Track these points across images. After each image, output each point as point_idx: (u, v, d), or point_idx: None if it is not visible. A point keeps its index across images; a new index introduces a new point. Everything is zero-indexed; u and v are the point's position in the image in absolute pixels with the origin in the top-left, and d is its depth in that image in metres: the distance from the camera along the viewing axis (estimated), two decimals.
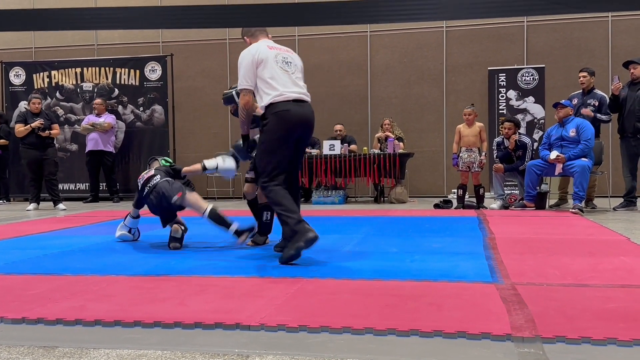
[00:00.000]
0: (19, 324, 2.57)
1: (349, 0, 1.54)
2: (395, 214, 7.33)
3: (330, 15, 1.58)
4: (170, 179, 4.78)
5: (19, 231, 5.97)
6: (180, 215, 4.94)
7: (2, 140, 10.41)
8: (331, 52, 11.08)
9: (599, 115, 7.70)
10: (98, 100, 10.55)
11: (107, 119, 10.40)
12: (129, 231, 5.10)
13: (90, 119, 10.43)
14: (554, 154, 7.25)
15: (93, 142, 10.27)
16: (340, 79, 11.05)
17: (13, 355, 2.18)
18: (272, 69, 4.00)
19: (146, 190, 4.71)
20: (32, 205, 9.05)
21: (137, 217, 5.08)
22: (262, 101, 4.01)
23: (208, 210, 4.49)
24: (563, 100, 7.56)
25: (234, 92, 4.55)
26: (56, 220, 7.16)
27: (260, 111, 4.08)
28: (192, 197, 4.67)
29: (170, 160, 5.20)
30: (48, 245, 4.90)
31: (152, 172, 4.85)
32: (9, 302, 2.89)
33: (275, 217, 4.29)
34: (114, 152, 10.45)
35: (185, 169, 4.96)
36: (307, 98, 4.13)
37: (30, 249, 4.69)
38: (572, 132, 7.29)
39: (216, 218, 4.46)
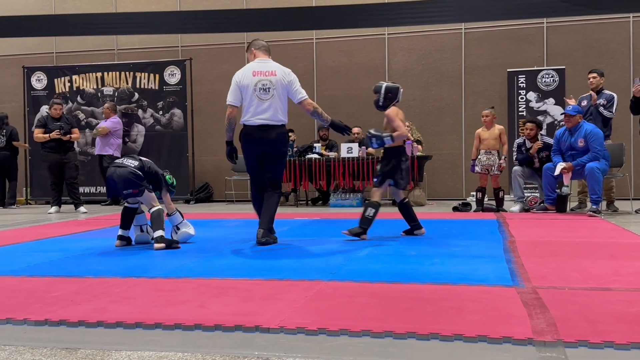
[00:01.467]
0: (42, 326, 2.60)
1: (368, 4, 1.54)
2: None
3: (349, 19, 1.58)
4: (139, 173, 4.82)
5: (41, 234, 6.05)
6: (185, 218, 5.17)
7: (17, 143, 10.52)
8: (349, 55, 11.09)
9: (605, 111, 7.66)
10: (105, 105, 10.62)
11: (104, 123, 10.42)
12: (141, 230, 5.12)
13: (101, 124, 10.55)
14: (558, 169, 7.15)
15: (97, 146, 10.44)
16: (358, 82, 11.04)
17: (36, 357, 2.21)
18: (249, 95, 4.94)
19: (114, 164, 4.94)
20: (53, 208, 9.16)
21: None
22: (241, 118, 5.04)
23: (155, 208, 4.85)
24: (570, 109, 7.39)
25: (383, 85, 5.39)
26: (77, 223, 7.24)
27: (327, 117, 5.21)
28: (150, 196, 4.90)
29: (172, 179, 5.27)
30: (70, 247, 4.95)
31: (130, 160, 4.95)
32: (32, 304, 2.93)
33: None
34: (113, 154, 10.33)
35: (166, 204, 5.12)
36: (274, 123, 4.96)
37: (52, 252, 4.75)
38: (580, 143, 7.19)
39: (155, 218, 4.81)
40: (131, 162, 4.90)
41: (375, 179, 5.40)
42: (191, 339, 2.37)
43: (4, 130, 10.28)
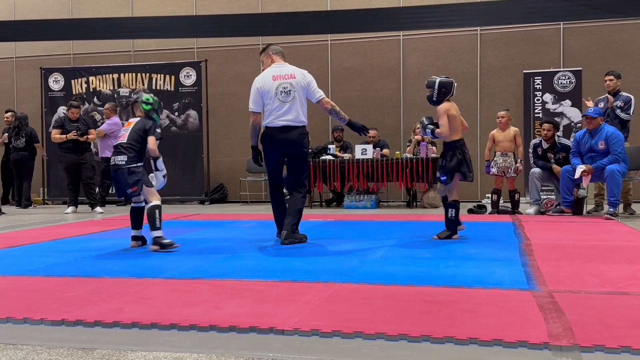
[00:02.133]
0: (59, 326, 2.63)
1: (383, 8, 1.54)
2: (428, 219, 7.28)
3: (364, 23, 1.58)
4: (133, 165, 4.77)
5: (57, 234, 6.11)
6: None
7: (38, 145, 10.65)
8: (364, 56, 11.08)
9: (622, 113, 7.59)
10: (106, 106, 10.49)
11: (102, 126, 10.26)
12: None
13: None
14: (578, 172, 7.09)
15: (99, 149, 10.37)
16: (373, 83, 11.03)
17: (53, 357, 2.23)
18: (271, 98, 5.06)
19: (112, 167, 4.91)
20: (70, 208, 9.25)
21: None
22: (264, 121, 5.17)
23: (152, 204, 4.78)
24: (591, 111, 7.33)
25: (437, 80, 5.38)
26: (94, 223, 7.31)
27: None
28: (148, 190, 4.85)
29: (151, 100, 5.09)
30: (86, 247, 5.00)
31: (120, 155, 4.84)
32: (48, 304, 2.96)
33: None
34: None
35: (152, 148, 4.91)
36: (296, 124, 5.06)
37: (68, 252, 4.80)
38: (601, 145, 7.12)
39: (150, 214, 4.75)
40: (121, 160, 4.80)
41: (443, 177, 5.21)
42: (206, 340, 2.38)
43: (24, 132, 10.40)
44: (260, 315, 2.67)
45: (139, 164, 4.83)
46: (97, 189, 9.91)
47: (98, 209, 9.17)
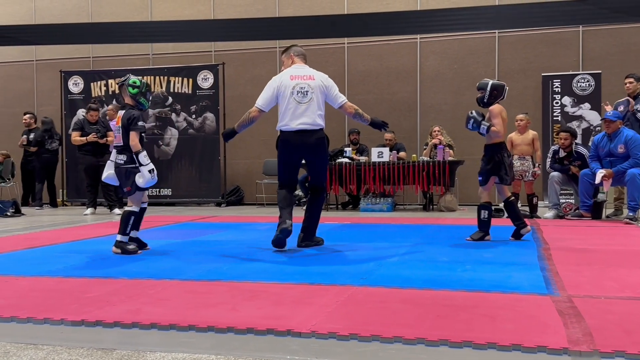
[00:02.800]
0: (79, 326, 2.66)
1: (400, 12, 1.54)
2: (444, 222, 7.25)
3: (381, 27, 1.58)
4: (131, 166, 4.74)
5: (77, 235, 6.17)
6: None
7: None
8: (380, 59, 11.07)
9: None
10: (109, 106, 10.40)
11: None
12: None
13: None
14: (598, 177, 7.01)
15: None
16: (389, 86, 11.01)
17: (73, 357, 2.26)
18: (287, 99, 4.87)
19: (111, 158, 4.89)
20: (89, 210, 9.34)
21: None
22: (278, 123, 4.97)
23: (128, 209, 4.83)
24: (610, 114, 7.26)
25: (490, 82, 5.39)
26: (112, 225, 7.36)
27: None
28: (136, 195, 4.84)
29: (138, 83, 4.89)
30: (104, 249, 5.04)
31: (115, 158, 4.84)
32: (68, 304, 3.00)
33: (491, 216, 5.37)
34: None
35: (132, 144, 4.73)
36: (313, 127, 4.87)
37: (87, 253, 4.85)
38: (620, 149, 7.05)
39: (124, 218, 4.78)
40: (121, 159, 4.78)
41: (480, 178, 5.36)
42: (224, 342, 2.39)
43: (56, 135, 10.63)
44: (278, 317, 2.67)
45: (135, 164, 4.74)
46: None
47: (116, 210, 9.25)
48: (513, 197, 5.47)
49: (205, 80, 11.07)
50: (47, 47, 12.02)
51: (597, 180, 7.03)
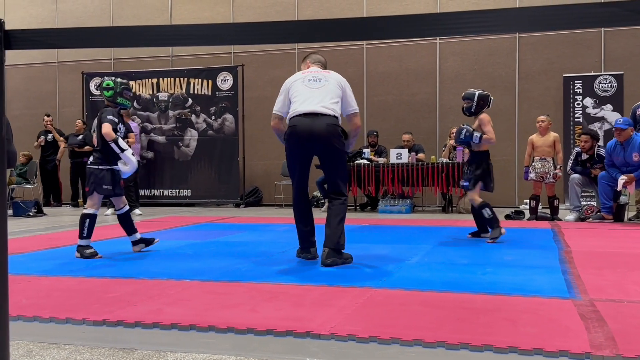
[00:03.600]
0: (100, 326, 2.68)
1: (421, 14, 1.54)
2: (464, 224, 7.20)
3: (402, 30, 1.58)
4: (93, 167, 4.76)
5: (98, 235, 6.22)
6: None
7: (87, 147, 10.93)
8: (399, 60, 11.04)
9: None
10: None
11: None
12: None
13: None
14: (620, 184, 6.93)
15: None
16: (409, 87, 10.98)
17: (95, 357, 2.28)
18: (297, 88, 4.36)
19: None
20: (110, 210, 9.42)
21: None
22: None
23: (85, 211, 4.76)
24: (621, 122, 7.15)
25: (477, 92, 5.64)
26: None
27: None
28: (92, 196, 4.79)
29: (112, 84, 4.85)
30: (125, 249, 5.09)
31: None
32: (90, 304, 3.03)
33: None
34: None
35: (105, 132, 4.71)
36: (325, 110, 4.24)
37: (109, 253, 4.89)
38: (635, 157, 6.96)
39: (80, 220, 4.74)
40: (89, 160, 4.82)
41: (466, 183, 5.64)
42: (244, 343, 2.40)
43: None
44: (297, 319, 2.68)
45: (100, 167, 4.74)
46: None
47: (136, 210, 9.33)
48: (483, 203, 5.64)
49: (225, 81, 11.13)
50: (68, 49, 12.18)
51: (619, 187, 6.95)
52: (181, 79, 11.35)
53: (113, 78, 4.96)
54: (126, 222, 4.93)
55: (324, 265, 4.15)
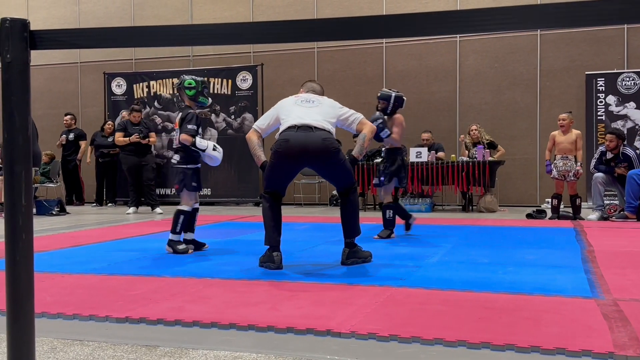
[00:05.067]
0: (123, 323, 2.72)
1: (440, 12, 1.54)
2: (484, 224, 7.15)
3: (421, 27, 1.57)
4: (182, 166, 4.85)
5: (120, 233, 6.31)
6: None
7: (115, 149, 11.03)
8: (419, 59, 10.99)
9: None
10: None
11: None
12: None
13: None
14: None
15: None
16: (428, 86, 10.93)
17: (118, 353, 2.31)
18: (289, 108, 4.19)
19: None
20: (131, 209, 9.53)
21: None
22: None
23: (180, 208, 4.84)
24: None
25: (393, 94, 5.74)
26: (154, 224, 7.50)
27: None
28: (186, 194, 4.88)
29: (194, 83, 4.99)
30: (147, 247, 5.14)
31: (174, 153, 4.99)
32: (113, 301, 3.06)
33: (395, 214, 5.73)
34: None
35: (182, 138, 4.85)
36: (319, 125, 4.03)
37: (131, 251, 4.95)
38: None
39: (175, 217, 4.80)
40: (175, 158, 4.93)
41: (381, 179, 5.78)
42: (264, 340, 2.42)
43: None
44: (318, 317, 2.68)
45: (188, 166, 4.87)
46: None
47: (158, 209, 9.41)
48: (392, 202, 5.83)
49: (244, 81, 11.17)
50: (90, 50, 12.32)
51: None
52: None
53: (193, 77, 5.10)
54: (192, 219, 4.97)
55: (344, 264, 4.15)
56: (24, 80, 1.59)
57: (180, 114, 4.97)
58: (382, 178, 5.78)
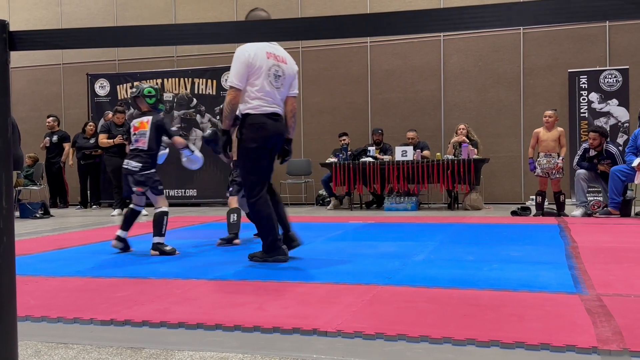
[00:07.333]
0: (108, 325, 2.70)
1: (424, 10, 1.54)
2: (470, 221, 7.19)
3: (407, 25, 1.58)
4: (145, 172, 4.86)
5: (105, 236, 6.26)
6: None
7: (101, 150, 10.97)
8: (403, 57, 11.03)
9: None
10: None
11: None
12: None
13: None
14: (637, 161, 6.93)
15: None
16: (413, 84, 10.97)
17: (103, 356, 2.29)
18: (262, 81, 4.19)
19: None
20: (116, 211, 9.47)
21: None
22: (244, 106, 4.23)
23: (160, 210, 4.94)
24: None
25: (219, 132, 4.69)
26: (139, 226, 7.43)
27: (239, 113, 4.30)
28: (158, 197, 4.99)
29: (153, 92, 5.01)
30: (135, 248, 5.10)
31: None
32: (98, 304, 3.04)
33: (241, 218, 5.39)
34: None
35: (179, 142, 4.99)
36: (282, 113, 4.35)
37: (116, 253, 4.91)
38: None
39: (158, 220, 4.88)
40: (135, 166, 4.92)
41: (231, 188, 5.64)
42: (251, 341, 2.41)
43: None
44: (304, 316, 2.68)
45: (151, 171, 4.89)
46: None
47: (143, 211, 9.34)
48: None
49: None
50: (73, 51, 12.23)
51: (635, 163, 6.92)
52: (185, 79, 11.37)
53: (151, 85, 5.09)
54: (133, 219, 5.09)
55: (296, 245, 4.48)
56: (3, 81, 1.58)
57: (151, 121, 4.91)
58: (231, 189, 5.67)
